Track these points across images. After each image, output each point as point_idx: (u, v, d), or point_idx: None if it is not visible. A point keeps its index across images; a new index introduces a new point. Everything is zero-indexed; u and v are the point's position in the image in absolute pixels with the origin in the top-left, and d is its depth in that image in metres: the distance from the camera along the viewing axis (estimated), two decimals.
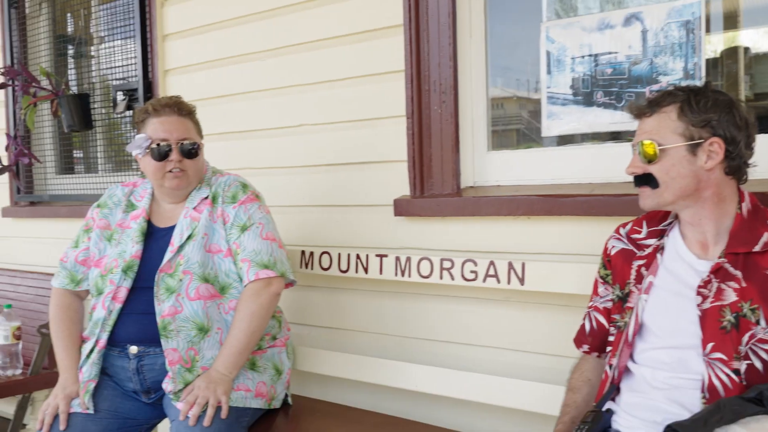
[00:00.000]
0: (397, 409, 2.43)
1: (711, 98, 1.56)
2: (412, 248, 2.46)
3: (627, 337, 1.64)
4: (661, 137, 1.57)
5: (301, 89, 2.73)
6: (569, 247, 2.14)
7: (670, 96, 1.59)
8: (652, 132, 1.58)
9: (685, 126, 1.55)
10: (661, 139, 1.57)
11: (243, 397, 2.11)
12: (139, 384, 2.16)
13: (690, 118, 1.54)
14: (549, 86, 2.30)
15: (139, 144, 2.18)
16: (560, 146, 2.33)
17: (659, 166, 1.57)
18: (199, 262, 2.14)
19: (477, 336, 2.34)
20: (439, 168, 2.41)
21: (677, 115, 1.56)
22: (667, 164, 1.56)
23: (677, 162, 1.56)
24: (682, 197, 1.58)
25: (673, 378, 1.55)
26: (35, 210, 3.86)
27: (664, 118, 1.57)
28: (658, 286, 1.62)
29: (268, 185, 2.67)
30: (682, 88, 1.60)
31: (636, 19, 2.13)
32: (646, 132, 1.60)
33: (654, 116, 1.59)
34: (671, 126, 1.56)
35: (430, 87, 2.41)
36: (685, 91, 1.59)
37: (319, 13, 2.66)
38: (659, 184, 1.58)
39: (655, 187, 1.59)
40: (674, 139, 1.56)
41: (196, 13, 3.04)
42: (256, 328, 2.11)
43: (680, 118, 1.55)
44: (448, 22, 2.36)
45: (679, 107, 1.56)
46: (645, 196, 1.62)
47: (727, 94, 1.59)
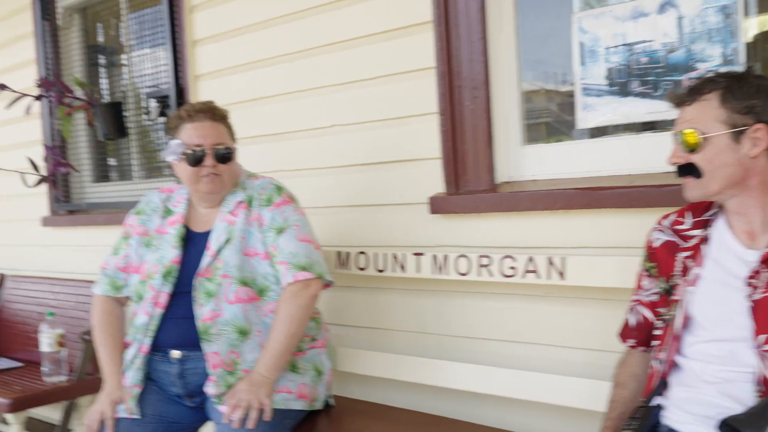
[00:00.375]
0: (439, 408, 2.42)
1: (754, 84, 1.52)
2: (449, 246, 2.45)
3: (674, 331, 1.61)
4: (703, 126, 1.53)
5: (331, 90, 2.73)
6: (609, 241, 2.11)
7: (710, 83, 1.55)
8: (694, 120, 1.55)
9: (728, 113, 1.51)
10: (703, 128, 1.53)
11: (285, 399, 2.12)
12: (182, 388, 2.18)
13: (733, 105, 1.51)
14: (583, 78, 2.26)
15: (173, 150, 2.20)
16: (595, 138, 2.30)
17: (702, 155, 1.54)
18: (237, 265, 2.16)
19: (517, 332, 2.32)
20: (474, 164, 2.39)
21: (719, 102, 1.52)
22: (710, 153, 1.53)
23: (721, 151, 1.52)
24: (728, 187, 1.54)
25: (724, 371, 1.51)
26: (74, 218, 3.92)
27: (705, 105, 1.54)
28: (704, 278, 1.59)
29: (302, 187, 2.67)
30: (723, 74, 1.57)
31: (671, 5, 2.09)
32: (687, 121, 1.56)
33: (695, 104, 1.56)
34: (713, 114, 1.53)
35: (461, 83, 2.39)
36: (726, 77, 1.55)
37: (347, 13, 2.65)
38: (703, 173, 1.54)
39: (698, 177, 1.55)
40: (717, 127, 1.52)
41: (225, 17, 3.06)
42: (295, 330, 2.11)
43: (722, 105, 1.52)
44: (478, 17, 2.34)
45: (720, 94, 1.52)
46: (690, 187, 1.59)
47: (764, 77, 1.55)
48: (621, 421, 1.68)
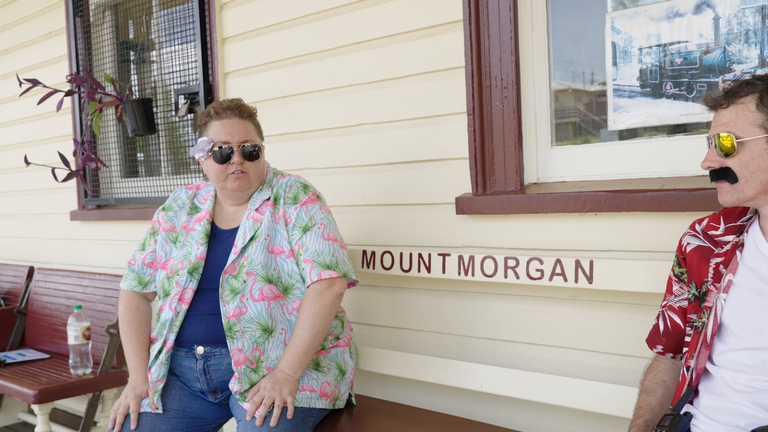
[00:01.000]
0: (461, 410, 2.41)
1: None
2: (475, 247, 2.43)
3: (705, 338, 1.57)
4: (739, 129, 1.50)
5: (359, 88, 2.72)
6: (639, 244, 2.08)
7: (748, 86, 1.51)
8: (730, 124, 1.51)
9: (765, 117, 1.48)
10: (739, 132, 1.50)
11: (308, 398, 2.12)
12: (206, 384, 2.19)
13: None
14: (615, 78, 2.23)
15: (201, 147, 2.21)
16: (626, 140, 2.26)
17: (738, 159, 1.50)
18: (262, 263, 2.16)
19: (542, 335, 2.29)
20: (502, 164, 2.37)
21: (756, 105, 1.49)
22: (746, 158, 1.49)
23: (757, 155, 1.49)
24: (764, 192, 1.51)
25: (757, 381, 1.47)
26: (102, 213, 3.96)
27: (742, 109, 1.50)
28: (738, 285, 1.55)
29: (329, 185, 2.67)
30: (761, 76, 1.53)
31: (707, 6, 2.04)
32: (722, 124, 1.53)
33: (731, 107, 1.52)
34: (750, 117, 1.49)
35: (491, 82, 2.37)
36: (763, 80, 1.51)
37: (377, 11, 2.64)
38: (738, 178, 1.51)
39: (733, 182, 1.52)
40: (753, 131, 1.49)
41: (255, 15, 3.06)
42: (320, 329, 2.11)
43: (759, 108, 1.48)
44: (509, 15, 2.31)
45: (758, 97, 1.49)
46: (724, 192, 1.55)
47: None
48: (647, 428, 1.64)
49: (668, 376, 1.73)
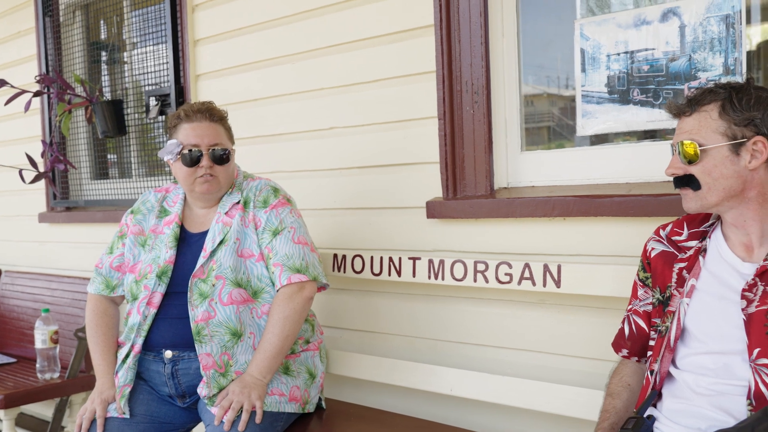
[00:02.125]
0: (431, 413, 2.41)
1: (753, 95, 1.51)
2: (445, 251, 2.43)
3: (669, 342, 1.60)
4: (702, 137, 1.52)
5: (331, 91, 2.72)
6: (606, 249, 2.10)
7: (710, 94, 1.54)
8: (693, 132, 1.53)
9: (727, 125, 1.50)
10: (702, 139, 1.52)
11: (277, 402, 2.11)
12: (174, 388, 2.17)
13: (732, 116, 1.50)
14: (583, 84, 2.26)
15: (170, 150, 2.19)
16: (595, 145, 2.28)
17: (701, 167, 1.53)
18: (232, 266, 2.15)
19: (511, 339, 2.31)
20: (472, 169, 2.38)
21: (718, 113, 1.51)
22: (709, 165, 1.52)
23: (719, 162, 1.51)
24: (726, 199, 1.53)
25: (718, 384, 1.50)
26: (71, 215, 3.91)
27: (704, 117, 1.53)
28: (700, 290, 1.58)
29: (300, 188, 2.67)
30: (723, 85, 1.55)
31: (673, 14, 2.08)
32: (686, 132, 1.55)
33: (694, 115, 1.54)
34: (712, 125, 1.51)
35: (462, 87, 2.38)
36: (725, 88, 1.54)
37: (349, 15, 2.64)
38: (701, 185, 1.53)
39: (697, 189, 1.54)
40: (716, 138, 1.51)
41: (227, 17, 3.05)
42: (289, 333, 2.10)
43: (722, 116, 1.51)
44: (479, 21, 2.33)
45: (720, 105, 1.51)
46: (688, 199, 1.58)
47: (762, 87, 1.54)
48: (612, 431, 1.66)
49: (633, 380, 1.75)
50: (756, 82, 2.03)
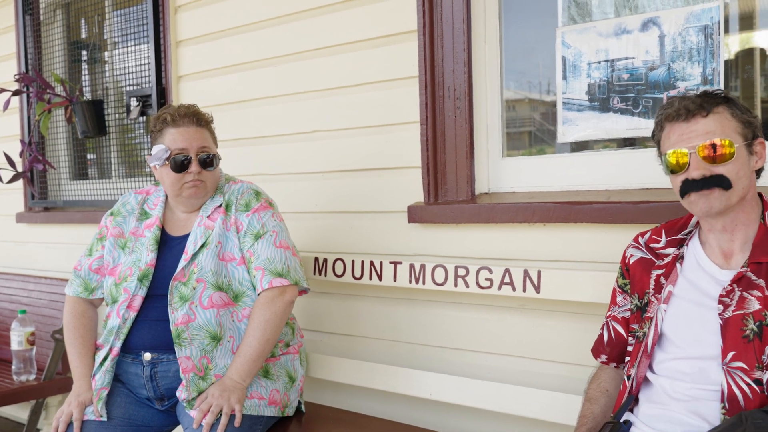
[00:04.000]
0: (411, 417, 2.42)
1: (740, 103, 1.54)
2: (426, 255, 2.45)
3: (646, 348, 1.61)
4: (729, 136, 1.50)
5: (314, 95, 2.73)
6: (585, 255, 2.12)
7: (713, 97, 1.53)
8: (717, 132, 1.49)
9: (741, 126, 1.51)
10: (731, 138, 1.50)
11: (257, 405, 2.11)
12: (152, 391, 2.16)
13: (741, 115, 1.51)
14: (564, 92, 2.28)
15: (158, 156, 2.17)
16: (575, 152, 2.31)
17: (731, 166, 1.49)
18: (213, 270, 2.14)
19: (491, 344, 2.32)
20: (454, 174, 2.40)
21: (731, 114, 1.51)
22: (738, 164, 1.50)
23: (744, 162, 1.51)
24: (741, 200, 1.53)
25: (693, 389, 1.52)
26: (49, 216, 3.87)
27: (722, 118, 1.51)
28: (677, 296, 1.60)
29: (282, 191, 2.66)
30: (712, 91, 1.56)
31: (653, 24, 2.10)
32: (708, 132, 1.50)
33: (711, 116, 1.51)
34: (732, 125, 1.51)
35: (444, 93, 2.39)
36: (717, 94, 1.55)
37: (333, 19, 2.65)
38: (732, 184, 1.50)
39: (727, 188, 1.50)
40: (737, 138, 1.51)
41: (210, 19, 3.04)
42: (270, 336, 2.10)
43: (735, 117, 1.51)
44: (462, 27, 2.34)
45: (728, 107, 1.52)
46: (713, 198, 1.51)
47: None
48: None
49: (611, 386, 1.77)
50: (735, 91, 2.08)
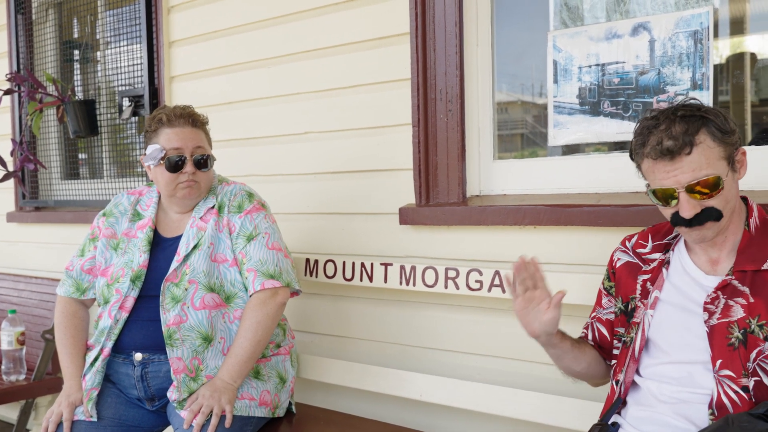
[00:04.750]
0: (401, 418, 2.43)
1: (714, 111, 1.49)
2: (417, 257, 2.45)
3: (633, 353, 1.63)
4: (715, 168, 1.46)
5: (307, 96, 2.73)
6: (575, 258, 2.13)
7: (688, 123, 1.47)
8: (703, 166, 1.45)
9: (723, 147, 1.48)
10: (716, 171, 1.46)
11: (247, 406, 2.11)
12: (143, 391, 2.16)
13: (721, 137, 1.47)
14: (555, 95, 2.29)
15: (153, 155, 2.17)
16: (566, 155, 2.32)
17: (720, 197, 1.48)
18: (205, 271, 2.14)
19: (481, 345, 2.33)
20: (445, 176, 2.41)
21: (712, 139, 1.47)
22: (727, 191, 1.49)
23: (731, 185, 1.50)
24: (730, 216, 1.52)
25: (681, 392, 1.53)
26: (40, 215, 3.86)
27: (704, 148, 1.46)
28: (664, 301, 1.61)
29: (274, 192, 2.67)
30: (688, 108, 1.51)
31: (644, 28, 2.12)
32: (694, 169, 1.46)
33: (695, 150, 1.46)
34: (716, 153, 1.47)
35: (436, 95, 2.40)
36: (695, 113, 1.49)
37: (326, 21, 2.66)
38: (723, 214, 1.49)
39: (719, 219, 1.49)
40: (722, 165, 1.48)
41: (203, 20, 3.04)
42: (261, 338, 2.10)
43: (716, 141, 1.47)
44: (454, 30, 2.36)
45: (709, 132, 1.47)
46: (705, 230, 1.50)
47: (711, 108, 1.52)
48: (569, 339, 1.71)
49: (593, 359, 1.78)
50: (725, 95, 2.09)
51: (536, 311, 1.60)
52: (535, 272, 1.59)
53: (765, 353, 1.44)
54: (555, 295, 1.58)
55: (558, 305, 1.58)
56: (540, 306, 1.59)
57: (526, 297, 1.60)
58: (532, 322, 1.61)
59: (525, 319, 1.62)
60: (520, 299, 1.61)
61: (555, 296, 1.58)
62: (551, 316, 1.59)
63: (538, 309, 1.59)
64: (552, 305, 1.58)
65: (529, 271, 1.59)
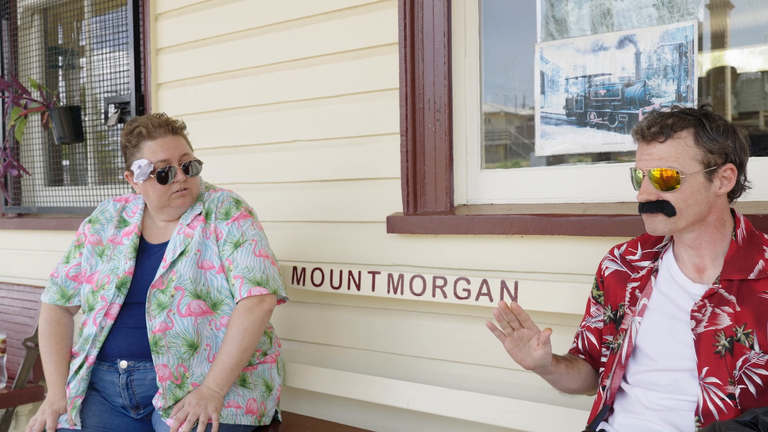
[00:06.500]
0: (387, 427, 2.43)
1: (722, 124, 1.53)
2: (404, 265, 2.46)
3: (620, 359, 1.64)
4: (680, 164, 1.51)
5: (296, 105, 2.74)
6: (562, 267, 2.15)
7: (681, 120, 1.53)
8: (670, 159, 1.52)
9: (704, 153, 1.51)
10: (681, 167, 1.51)
11: (233, 414, 2.10)
12: (128, 399, 2.14)
13: (707, 144, 1.50)
14: (543, 106, 2.31)
15: (143, 172, 2.15)
16: (552, 165, 2.34)
17: (678, 194, 1.52)
18: (191, 278, 2.13)
19: (468, 354, 2.34)
20: (433, 185, 2.42)
21: (694, 140, 1.51)
22: (687, 192, 1.52)
23: (696, 190, 1.52)
24: (693, 223, 1.56)
25: (667, 399, 1.55)
26: (23, 222, 3.83)
27: (681, 144, 1.52)
28: (651, 309, 1.63)
29: (261, 200, 2.66)
30: (689, 110, 1.56)
31: (629, 41, 2.15)
32: (661, 158, 1.53)
33: (669, 142, 1.53)
34: (690, 153, 1.51)
35: (424, 105, 2.42)
36: (693, 114, 1.54)
37: (314, 30, 2.67)
38: (676, 211, 1.54)
39: (671, 215, 1.54)
40: (694, 166, 1.51)
41: (191, 27, 3.04)
42: (248, 345, 2.10)
43: (698, 144, 1.51)
44: (443, 41, 2.37)
45: (694, 132, 1.51)
46: (657, 222, 1.56)
47: (725, 119, 1.57)
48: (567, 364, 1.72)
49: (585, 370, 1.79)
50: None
51: (527, 348, 1.60)
52: (519, 314, 1.58)
53: (751, 362, 1.47)
54: (543, 333, 1.58)
55: (547, 342, 1.59)
56: (530, 343, 1.59)
57: (515, 337, 1.60)
58: (525, 358, 1.61)
59: (517, 356, 1.62)
60: (508, 339, 1.61)
61: (543, 334, 1.58)
62: (542, 353, 1.59)
63: (528, 345, 1.59)
64: (541, 343, 1.58)
65: (509, 316, 1.59)
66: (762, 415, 1.34)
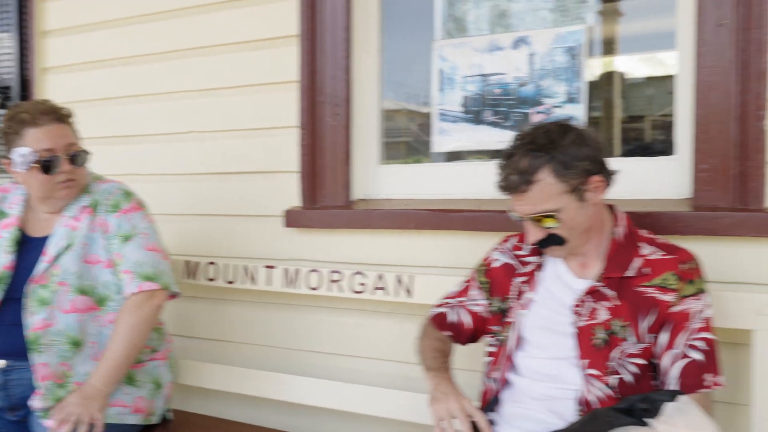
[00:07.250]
0: (283, 423, 2.41)
1: (568, 141, 1.53)
2: (301, 260, 2.44)
3: (507, 351, 1.69)
4: (551, 203, 1.55)
5: (192, 95, 2.66)
6: (456, 261, 2.19)
7: (533, 159, 1.53)
8: (541, 202, 1.55)
9: (566, 183, 1.54)
10: (552, 205, 1.55)
11: (119, 413, 2.02)
12: (4, 400, 2.03)
13: (566, 174, 1.53)
14: (440, 103, 2.35)
15: (24, 160, 2.03)
16: (449, 162, 2.38)
17: (561, 225, 1.58)
18: (76, 273, 2.04)
19: (364, 348, 2.35)
20: (331, 180, 2.41)
21: (554, 177, 1.53)
22: (567, 220, 1.57)
23: (575, 214, 1.57)
24: (582, 235, 1.62)
25: (550, 389, 1.61)
26: None
27: (543, 186, 1.54)
28: (537, 302, 1.68)
29: (154, 192, 2.58)
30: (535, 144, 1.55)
31: (524, 42, 2.21)
32: (532, 204, 1.56)
33: (532, 187, 1.54)
34: (555, 189, 1.54)
35: (324, 99, 2.40)
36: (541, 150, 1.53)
37: (213, 19, 2.60)
38: (565, 240, 1.60)
39: (562, 243, 1.61)
40: (563, 198, 1.55)
41: (81, 10, 2.90)
42: (136, 342, 2.02)
43: (558, 178, 1.53)
44: (343, 35, 2.37)
45: (550, 169, 1.53)
46: (554, 251, 1.64)
47: (568, 125, 1.58)
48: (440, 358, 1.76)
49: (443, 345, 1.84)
50: (597, 111, 2.20)
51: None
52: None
53: (627, 352, 1.55)
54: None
55: None
56: None
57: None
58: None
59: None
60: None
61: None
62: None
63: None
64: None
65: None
66: (637, 402, 1.41)
